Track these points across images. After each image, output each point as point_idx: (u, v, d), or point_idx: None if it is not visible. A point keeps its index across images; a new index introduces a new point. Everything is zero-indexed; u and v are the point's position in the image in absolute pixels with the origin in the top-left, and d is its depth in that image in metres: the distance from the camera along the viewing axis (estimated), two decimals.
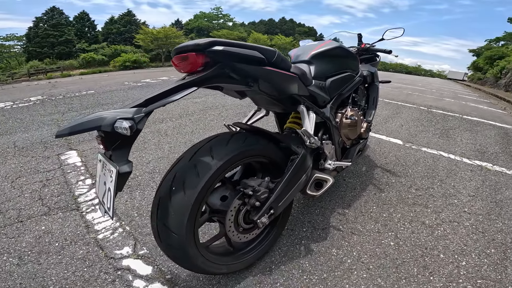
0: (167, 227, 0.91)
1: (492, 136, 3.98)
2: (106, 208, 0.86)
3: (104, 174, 0.87)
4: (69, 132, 0.74)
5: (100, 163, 0.91)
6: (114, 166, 0.81)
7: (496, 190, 2.19)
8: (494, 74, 11.36)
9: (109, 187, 0.83)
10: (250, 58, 0.98)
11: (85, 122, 0.75)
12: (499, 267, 1.32)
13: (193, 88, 0.89)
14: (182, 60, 0.90)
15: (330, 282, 1.19)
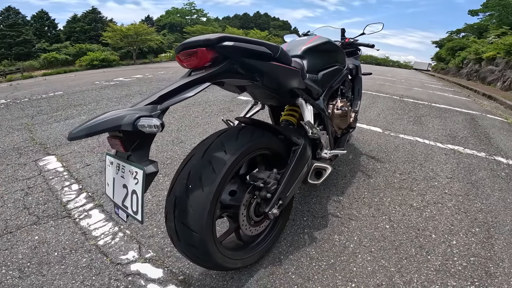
0: (187, 226, 0.89)
1: (460, 121, 4.32)
2: (131, 212, 0.82)
3: (122, 177, 0.83)
4: (86, 134, 0.70)
5: (111, 165, 0.87)
6: (139, 167, 0.77)
7: (470, 172, 2.39)
8: (456, 64, 12.28)
9: (134, 190, 0.80)
10: (258, 53, 0.99)
11: (101, 122, 0.71)
12: (486, 245, 1.45)
13: (207, 84, 0.88)
14: (188, 55, 0.89)
15: (338, 267, 1.24)
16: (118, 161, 0.84)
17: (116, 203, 0.88)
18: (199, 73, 0.88)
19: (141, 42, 17.17)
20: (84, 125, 0.72)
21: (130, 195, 0.81)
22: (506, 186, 2.14)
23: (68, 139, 0.73)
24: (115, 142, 0.79)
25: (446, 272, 1.24)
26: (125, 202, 0.83)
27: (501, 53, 8.63)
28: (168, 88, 0.84)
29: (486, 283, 1.18)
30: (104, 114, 0.75)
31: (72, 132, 0.72)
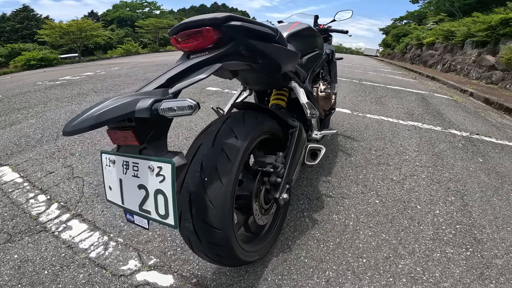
0: (208, 223, 0.80)
1: (414, 100, 4.75)
2: (157, 217, 0.69)
3: (135, 176, 0.70)
4: (93, 124, 0.57)
5: (113, 165, 0.73)
6: (164, 160, 0.65)
7: (432, 144, 2.64)
8: (401, 49, 13.46)
9: (159, 189, 0.67)
10: (262, 34, 0.93)
11: (109, 109, 0.58)
12: (465, 213, 1.60)
13: (219, 65, 0.79)
14: (189, 36, 0.79)
15: (345, 245, 1.28)
16: (124, 158, 0.71)
17: (129, 209, 0.74)
18: (204, 55, 0.80)
19: (86, 39, 15.51)
20: (85, 115, 0.58)
21: (153, 197, 0.68)
22: (466, 156, 2.42)
23: (68, 133, 0.57)
24: (122, 135, 0.66)
25: (441, 241, 1.35)
26: (145, 206, 0.70)
27: (440, 39, 9.68)
28: (174, 70, 0.74)
29: (478, 249, 1.30)
30: (105, 101, 0.61)
31: (71, 125, 0.57)
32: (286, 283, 1.06)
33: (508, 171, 2.16)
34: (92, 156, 2.06)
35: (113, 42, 19.56)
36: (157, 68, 6.94)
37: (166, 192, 0.66)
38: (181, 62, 0.79)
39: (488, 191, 1.84)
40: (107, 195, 0.80)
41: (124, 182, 0.73)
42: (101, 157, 0.78)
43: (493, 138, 2.98)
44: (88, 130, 0.58)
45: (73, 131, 0.57)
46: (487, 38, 7.12)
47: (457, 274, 1.14)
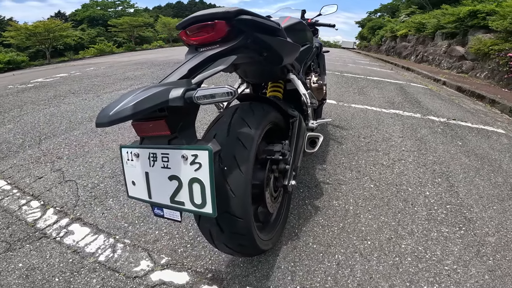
0: (230, 213, 0.81)
1: (393, 90, 4.95)
2: (192, 207, 0.68)
3: (165, 167, 0.68)
4: (131, 113, 0.56)
5: (137, 158, 0.72)
6: (200, 148, 0.64)
7: (414, 130, 2.79)
8: (376, 42, 13.95)
9: (195, 178, 0.66)
10: (268, 28, 0.95)
11: (144, 99, 0.57)
12: (453, 193, 1.71)
13: (234, 57, 0.80)
14: (199, 29, 0.80)
15: (349, 229, 1.34)
16: (151, 150, 0.69)
17: (158, 202, 0.72)
18: (215, 48, 0.80)
19: (55, 40, 14.62)
20: (118, 106, 0.57)
21: (187, 187, 0.67)
22: (446, 140, 2.58)
23: (106, 123, 0.56)
24: (151, 125, 0.65)
25: (436, 221, 1.44)
26: (178, 198, 0.69)
27: (412, 31, 10.13)
28: (192, 62, 0.74)
29: (470, 227, 1.40)
30: (134, 93, 0.61)
31: (108, 115, 0.56)
32: (300, 269, 1.09)
33: (486, 153, 2.33)
34: (81, 158, 1.98)
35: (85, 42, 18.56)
36: (136, 67, 6.70)
37: (203, 180, 0.65)
38: (195, 55, 0.79)
39: (470, 172, 1.98)
40: (129, 191, 0.78)
41: (151, 175, 0.71)
42: (120, 152, 0.76)
43: (468, 123, 3.19)
44: (125, 120, 0.58)
45: (111, 122, 0.56)
46: (456, 29, 7.54)
47: (456, 252, 1.22)
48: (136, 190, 0.76)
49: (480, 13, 6.50)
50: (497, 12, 5.62)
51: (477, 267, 1.13)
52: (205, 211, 0.67)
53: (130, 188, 0.77)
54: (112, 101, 0.61)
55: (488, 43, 5.66)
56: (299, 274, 1.07)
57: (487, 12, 6.23)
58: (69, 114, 2.95)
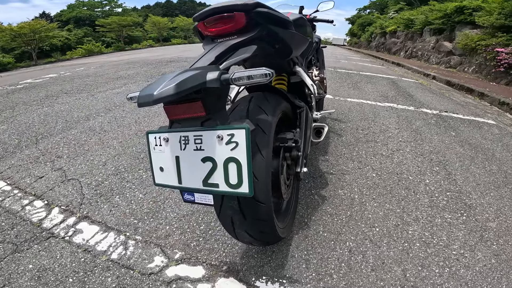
0: (254, 198, 0.81)
1: (385, 84, 5.04)
2: (227, 188, 0.68)
3: (199, 149, 0.69)
4: (175, 92, 0.58)
5: (166, 143, 0.72)
6: (236, 127, 0.66)
7: (409, 122, 2.86)
8: (366, 38, 14.14)
9: (231, 157, 0.66)
10: (281, 21, 0.98)
11: (184, 80, 0.60)
12: (451, 181, 1.76)
13: (254, 47, 0.83)
14: (218, 21, 0.82)
15: (357, 217, 1.37)
16: (182, 133, 0.70)
17: (189, 187, 0.72)
18: (233, 38, 0.83)
19: (41, 41, 14.22)
20: (160, 87, 0.59)
21: (222, 167, 0.67)
22: (440, 131, 2.65)
23: (151, 102, 0.58)
24: (186, 108, 0.66)
25: (438, 207, 1.48)
26: (212, 180, 0.69)
27: (401, 27, 10.32)
28: (217, 50, 0.77)
29: (471, 213, 1.44)
30: (170, 77, 0.63)
31: (152, 95, 0.58)
32: (313, 257, 1.11)
33: (479, 142, 2.41)
34: (82, 157, 1.94)
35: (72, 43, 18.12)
36: (128, 66, 6.59)
37: (240, 159, 0.66)
38: (215, 44, 0.82)
39: (466, 161, 2.04)
40: (155, 179, 0.78)
41: (182, 158, 0.72)
42: (147, 138, 0.76)
43: (460, 115, 3.28)
44: (168, 99, 0.59)
45: (156, 100, 0.58)
46: (443, 25, 7.72)
47: (462, 237, 1.26)
48: (164, 176, 0.76)
49: (466, 9, 6.67)
50: (483, 8, 5.78)
51: (483, 252, 1.17)
52: (241, 191, 0.68)
53: (157, 175, 0.77)
54: (147, 84, 0.64)
55: (475, 38, 5.82)
56: (313, 262, 1.09)
57: (473, 8, 6.40)
58: (64, 114, 2.89)
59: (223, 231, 1.23)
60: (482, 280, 1.02)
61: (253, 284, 0.99)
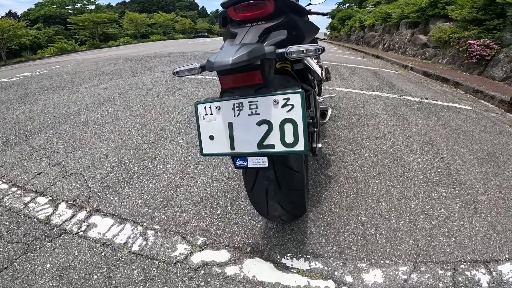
0: (289, 166, 0.86)
1: (369, 75, 5.24)
2: (283, 148, 0.73)
3: (254, 114, 0.74)
4: (248, 58, 0.65)
5: (218, 111, 0.77)
6: (291, 92, 0.71)
7: (395, 108, 3.01)
8: (346, 32, 14.48)
9: (287, 118, 0.71)
10: (299, 9, 1.06)
11: (252, 50, 0.67)
12: (440, 159, 1.89)
13: (285, 31, 0.91)
14: (248, 7, 0.90)
15: (363, 193, 1.45)
16: (236, 100, 0.74)
17: (243, 152, 0.76)
18: (263, 23, 0.91)
19: (9, 40, 13.29)
20: (234, 54, 0.66)
21: (278, 128, 0.72)
22: (423, 115, 2.82)
23: (228, 65, 0.65)
24: (247, 76, 0.72)
25: (432, 183, 1.59)
26: (267, 141, 0.74)
27: (379, 21, 10.66)
28: (254, 31, 0.85)
29: (462, 187, 1.56)
30: (234, 48, 0.68)
31: (229, 60, 0.64)
32: (331, 232, 1.17)
33: (459, 125, 2.60)
34: (80, 151, 1.88)
35: (42, 42, 17.06)
36: (110, 63, 6.34)
37: (296, 119, 0.71)
38: (249, 28, 0.90)
39: (450, 141, 2.20)
40: (204, 148, 0.80)
41: (236, 124, 0.75)
42: (196, 109, 0.79)
43: (439, 101, 3.50)
44: (243, 64, 0.65)
45: (234, 64, 0.64)
46: (418, 19, 8.07)
47: (458, 209, 1.37)
48: (214, 144, 0.79)
49: (440, 3, 7.01)
50: (456, 2, 6.10)
51: (480, 223, 1.27)
52: (296, 149, 0.73)
53: (207, 144, 0.80)
54: (213, 54, 0.71)
55: (448, 31, 6.15)
56: (331, 236, 1.15)
57: (446, 1, 6.73)
58: (51, 110, 2.75)
59: (240, 214, 1.26)
60: (486, 249, 1.11)
61: (280, 262, 1.03)
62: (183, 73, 0.82)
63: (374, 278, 0.98)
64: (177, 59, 6.48)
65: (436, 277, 0.99)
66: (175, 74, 0.82)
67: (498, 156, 1.93)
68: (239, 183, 1.50)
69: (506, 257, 1.07)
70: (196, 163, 1.72)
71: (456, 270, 1.01)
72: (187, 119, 2.47)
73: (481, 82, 4.65)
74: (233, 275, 0.97)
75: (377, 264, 1.03)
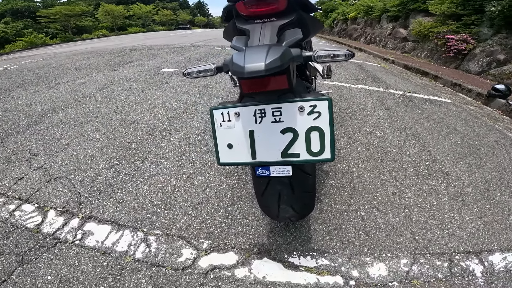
0: (303, 170, 0.84)
1: (354, 68, 5.33)
2: (308, 157, 0.70)
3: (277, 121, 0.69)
4: (281, 64, 0.61)
5: (237, 118, 0.71)
6: (318, 99, 0.68)
7: (382, 101, 3.09)
8: (329, 24, 14.56)
9: (314, 126, 0.68)
10: (309, 6, 1.03)
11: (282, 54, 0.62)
12: (427, 152, 1.96)
13: (299, 30, 0.87)
14: (260, 1, 0.86)
15: (359, 188, 1.48)
16: (257, 106, 0.69)
17: (266, 161, 0.72)
18: (274, 20, 0.87)
19: None
20: (265, 59, 0.61)
21: (304, 136, 0.69)
22: (408, 108, 2.92)
23: (262, 71, 0.60)
24: (272, 81, 0.67)
25: (423, 176, 1.66)
26: (292, 150, 0.70)
27: (361, 14, 10.80)
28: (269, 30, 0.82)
29: (450, 180, 1.63)
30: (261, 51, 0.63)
31: (262, 65, 0.59)
32: (333, 228, 1.19)
33: (442, 118, 2.71)
34: (63, 152, 1.76)
35: (9, 36, 15.86)
36: (86, 56, 5.98)
37: (322, 127, 0.69)
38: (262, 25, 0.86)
39: (434, 134, 2.30)
40: (221, 157, 0.76)
41: (258, 132, 0.71)
42: (211, 115, 0.72)
43: (421, 94, 3.63)
44: (275, 70, 0.61)
45: (268, 70, 0.59)
46: (399, 13, 8.26)
47: (448, 202, 1.43)
48: (233, 153, 0.74)
49: None
50: None
51: (469, 215, 1.34)
52: (322, 158, 0.71)
53: (224, 153, 0.75)
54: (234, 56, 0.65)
55: (427, 25, 6.35)
56: (335, 232, 1.17)
57: None
58: (25, 108, 2.55)
59: (243, 214, 1.24)
60: (476, 240, 1.18)
61: (287, 261, 1.03)
62: (195, 74, 0.76)
63: (378, 272, 1.01)
64: (159, 52, 6.24)
65: (435, 268, 1.03)
66: (186, 76, 0.76)
67: (479, 148, 2.04)
68: (237, 182, 1.48)
69: (495, 248, 1.14)
70: (191, 162, 1.67)
71: (452, 261, 1.07)
72: (177, 115, 2.39)
73: (458, 75, 4.87)
74: (243, 277, 0.96)
75: (380, 258, 1.07)
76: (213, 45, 7.64)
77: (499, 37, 4.66)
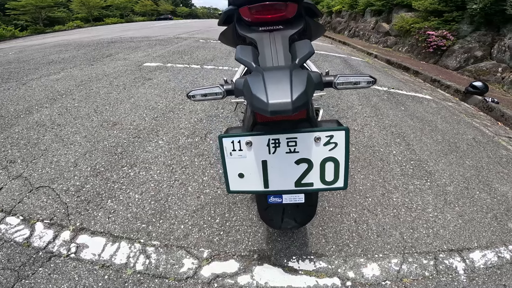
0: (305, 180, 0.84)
1: (339, 63, 5.39)
2: (321, 185, 0.69)
3: (292, 151, 0.67)
4: (307, 100, 0.56)
5: (249, 147, 0.69)
6: (336, 128, 0.65)
7: (368, 99, 3.17)
8: None
9: (329, 157, 0.67)
10: (316, 12, 1.01)
11: (304, 91, 0.57)
12: (411, 151, 2.04)
13: (308, 41, 0.83)
14: (267, 7, 0.80)
15: (351, 189, 1.53)
16: (271, 136, 0.66)
17: (279, 190, 0.70)
18: (281, 29, 0.83)
19: None
20: (292, 94, 0.55)
21: (319, 167, 0.67)
22: (392, 106, 3.01)
23: (289, 111, 0.54)
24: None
25: (408, 175, 1.73)
26: (306, 180, 0.69)
27: (345, 7, 10.88)
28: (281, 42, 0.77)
29: (433, 179, 1.71)
30: (283, 79, 0.58)
31: (289, 103, 0.53)
32: (329, 231, 1.23)
33: (423, 116, 2.83)
34: (42, 159, 1.67)
35: None
36: (59, 49, 5.62)
37: (338, 158, 0.68)
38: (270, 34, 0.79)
39: (417, 132, 2.40)
40: (231, 186, 0.73)
41: (271, 162, 0.69)
42: (220, 143, 0.69)
43: (404, 91, 3.75)
44: (303, 108, 0.56)
45: (296, 109, 0.54)
46: (383, 7, 8.40)
47: (432, 201, 1.51)
48: (244, 182, 0.72)
49: None
50: None
51: (451, 213, 1.42)
52: (336, 186, 0.71)
53: (234, 182, 0.72)
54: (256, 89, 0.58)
55: (409, 21, 6.51)
56: (330, 235, 1.21)
57: None
58: None
59: (240, 221, 1.25)
60: (458, 238, 1.26)
61: (287, 265, 1.06)
62: (200, 97, 0.70)
63: (372, 272, 1.06)
64: (140, 45, 5.98)
65: (422, 267, 1.10)
66: (190, 98, 0.70)
67: (459, 146, 2.16)
68: None
69: (475, 245, 1.23)
70: (182, 167, 1.65)
71: (437, 259, 1.14)
72: (164, 115, 2.32)
73: (436, 71, 5.07)
74: (246, 284, 0.98)
75: (372, 259, 1.12)
76: (197, 37, 7.43)
77: (477, 34, 4.87)
